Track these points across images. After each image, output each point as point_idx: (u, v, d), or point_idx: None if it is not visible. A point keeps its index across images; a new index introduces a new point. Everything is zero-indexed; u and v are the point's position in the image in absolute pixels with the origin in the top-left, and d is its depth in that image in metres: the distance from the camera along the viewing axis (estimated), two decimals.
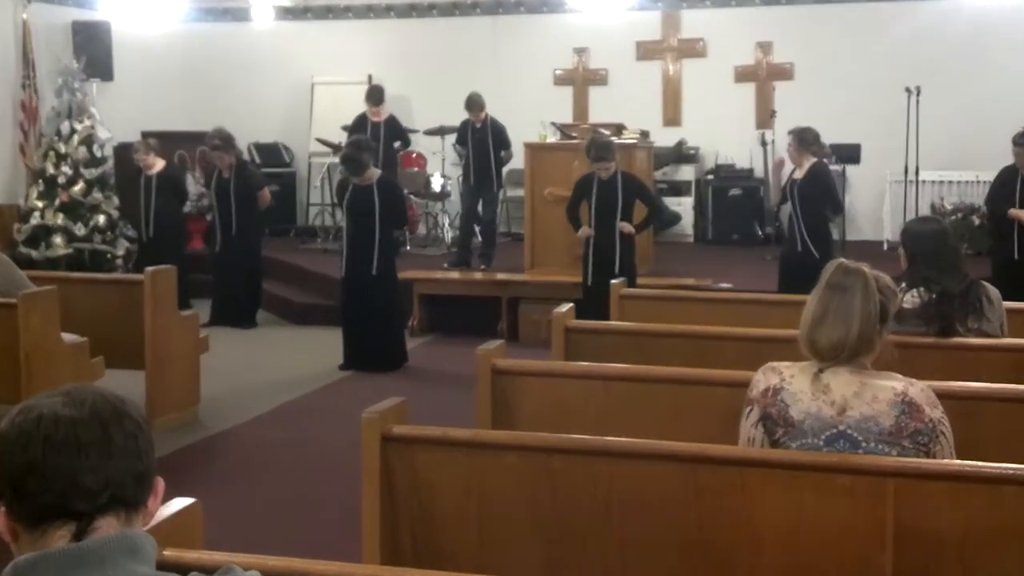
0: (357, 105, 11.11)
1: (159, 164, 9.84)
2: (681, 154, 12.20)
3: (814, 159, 7.71)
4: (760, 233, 11.86)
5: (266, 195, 9.74)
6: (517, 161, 10.49)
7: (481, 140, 10.05)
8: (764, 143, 11.85)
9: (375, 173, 7.88)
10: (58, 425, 1.41)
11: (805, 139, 7.65)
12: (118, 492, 1.43)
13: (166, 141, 10.75)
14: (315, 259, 10.75)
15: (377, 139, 10.43)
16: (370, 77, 12.36)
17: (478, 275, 9.74)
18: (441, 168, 11.69)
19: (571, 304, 4.74)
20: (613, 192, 7.67)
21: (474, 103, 10.07)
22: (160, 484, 1.51)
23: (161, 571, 1.47)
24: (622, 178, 7.73)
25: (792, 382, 2.81)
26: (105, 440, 1.43)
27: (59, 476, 1.40)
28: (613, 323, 5.05)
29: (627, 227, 7.73)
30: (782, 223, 9.56)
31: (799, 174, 7.67)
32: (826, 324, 2.76)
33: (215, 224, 9.62)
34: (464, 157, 10.35)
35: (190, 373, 6.63)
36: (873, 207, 11.66)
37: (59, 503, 1.41)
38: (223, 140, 9.41)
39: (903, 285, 4.25)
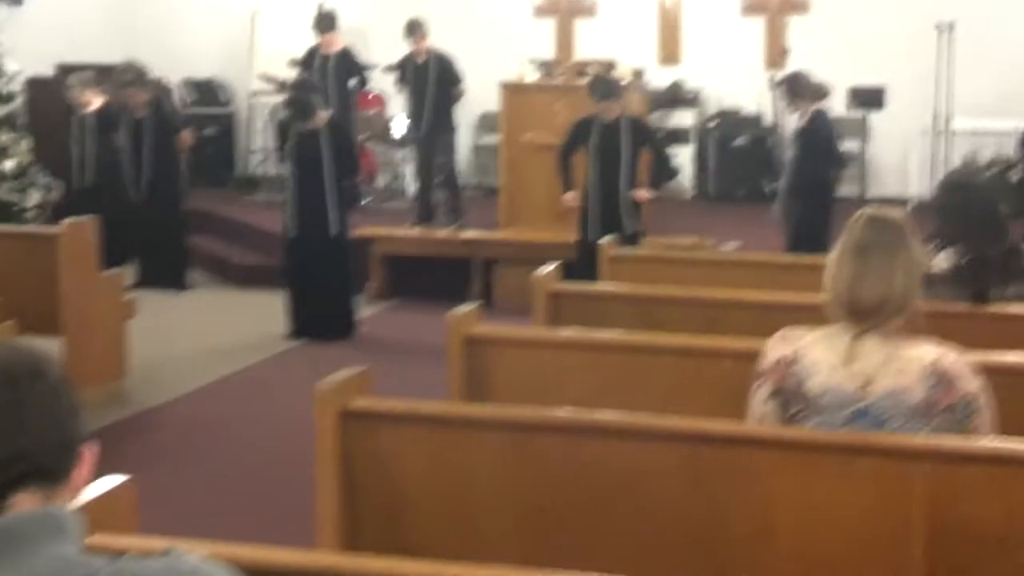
0: (308, 37, 11.00)
1: (97, 101, 9.75)
2: (679, 97, 12.18)
3: (814, 106, 7.82)
4: (768, 189, 11.87)
5: (186, 137, 9.67)
6: (491, 103, 10.44)
7: (423, 76, 9.97)
8: (774, 86, 11.85)
9: (323, 116, 7.84)
10: None
11: (794, 88, 7.80)
12: (34, 463, 1.42)
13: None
14: (256, 213, 10.70)
15: (327, 75, 10.34)
16: (320, 3, 12.25)
17: (443, 233, 9.72)
18: (405, 110, 11.63)
19: (555, 264, 4.74)
20: (616, 138, 7.66)
21: (414, 28, 9.96)
22: (89, 453, 1.49)
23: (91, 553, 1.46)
24: (627, 123, 7.72)
25: (809, 352, 2.82)
26: (15, 403, 1.40)
27: None
28: (604, 286, 5.06)
29: (643, 194, 7.77)
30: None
31: (800, 121, 7.82)
32: (868, 279, 2.77)
33: (126, 171, 9.54)
34: (410, 97, 10.26)
35: (115, 341, 6.59)
36: (898, 160, 11.70)
37: None
38: (135, 75, 9.33)
39: (934, 246, 4.28)
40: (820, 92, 7.93)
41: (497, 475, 2.93)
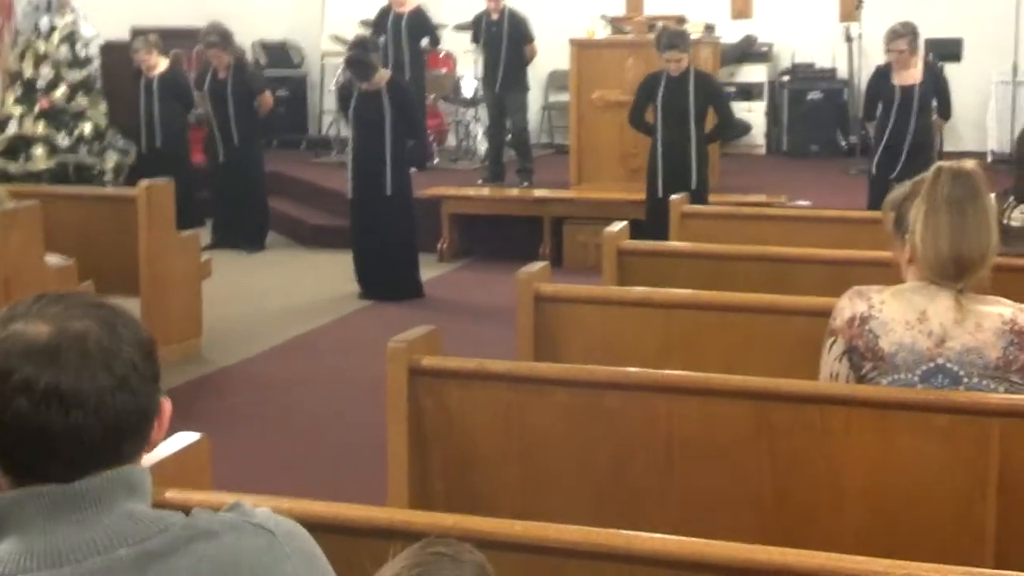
0: None
1: (162, 64, 9.85)
2: (751, 51, 12.01)
3: (921, 60, 7.67)
4: (843, 144, 11.70)
5: (268, 99, 9.74)
6: (561, 61, 10.37)
7: (497, 35, 9.91)
8: (849, 38, 11.62)
9: (384, 76, 7.83)
10: (39, 381, 1.37)
11: (918, 36, 7.60)
12: (114, 436, 1.43)
13: (160, 39, 10.70)
14: (329, 174, 10.76)
15: (399, 35, 10.34)
16: None
17: (514, 192, 9.70)
18: (474, 69, 11.60)
19: (625, 223, 4.71)
20: (684, 92, 7.57)
21: None
22: (166, 408, 1.51)
23: (158, 508, 1.48)
24: (695, 76, 7.63)
25: (883, 309, 2.78)
26: (97, 391, 1.39)
27: (38, 436, 1.38)
28: (674, 244, 5.02)
29: None
30: (868, 132, 9.44)
31: (910, 78, 7.60)
32: (970, 233, 2.71)
33: (213, 132, 9.64)
34: (482, 57, 10.23)
35: (191, 301, 6.68)
36: (976, 112, 11.44)
37: (36, 463, 1.40)
38: (220, 36, 9.39)
39: (1011, 200, 4.19)
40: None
41: (565, 433, 2.93)
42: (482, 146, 11.32)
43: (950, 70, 11.06)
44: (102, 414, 1.39)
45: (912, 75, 7.61)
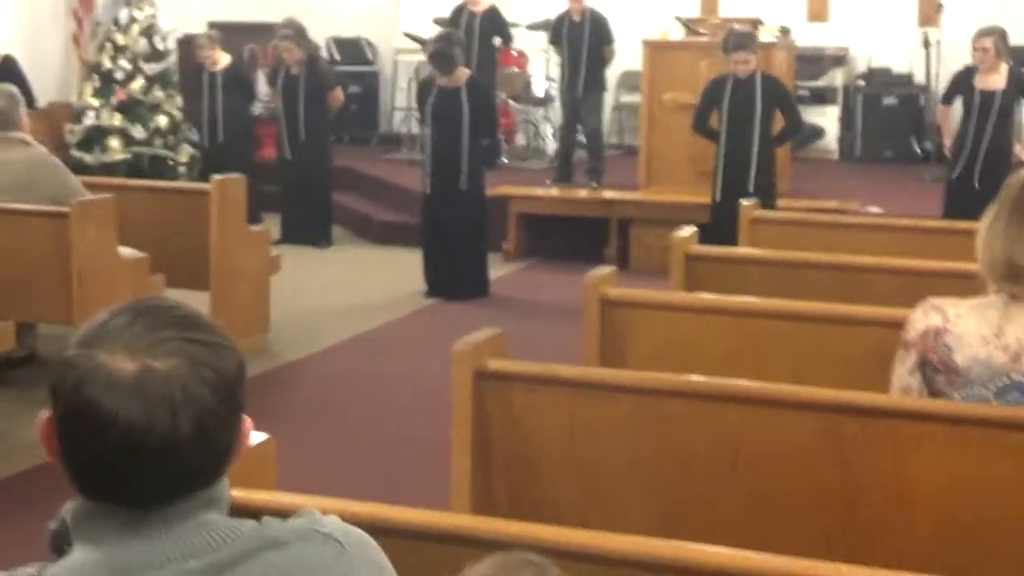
0: None
1: (224, 59, 9.95)
2: (827, 55, 11.87)
3: (1006, 65, 7.51)
4: (918, 150, 11.53)
5: (339, 95, 9.81)
6: (633, 62, 10.32)
7: (579, 36, 9.89)
8: (927, 44, 11.45)
9: (464, 74, 7.85)
10: (118, 422, 1.34)
11: (1004, 43, 7.45)
12: (192, 476, 1.43)
13: (236, 34, 10.83)
14: (399, 171, 10.81)
15: (472, 33, 10.36)
16: None
17: (583, 193, 9.68)
18: (545, 69, 11.59)
19: (694, 228, 4.67)
20: (751, 95, 7.49)
21: None
22: (247, 428, 1.51)
23: (232, 517, 1.48)
24: (762, 80, 7.55)
25: (958, 323, 2.72)
26: (176, 438, 1.36)
27: (113, 474, 1.38)
28: (743, 250, 4.97)
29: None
30: (938, 119, 9.31)
31: (993, 83, 7.45)
32: None
33: (281, 128, 9.73)
34: (561, 57, 10.21)
35: (259, 295, 6.74)
36: None
37: (112, 495, 1.41)
38: (295, 31, 9.47)
39: None
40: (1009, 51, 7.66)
41: (630, 440, 2.91)
42: (551, 146, 11.29)
43: None
44: (179, 460, 1.38)
45: (995, 80, 7.47)
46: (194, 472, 1.41)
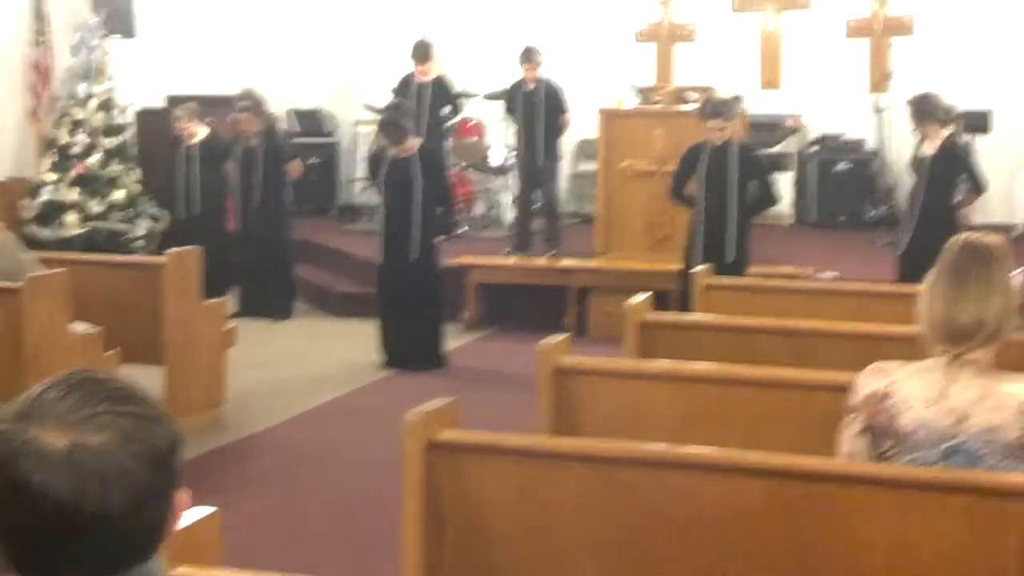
0: (411, 66, 11.14)
1: (201, 132, 9.99)
2: (779, 123, 12.06)
3: (945, 131, 7.62)
4: (872, 214, 11.69)
5: (297, 166, 9.86)
6: (589, 130, 10.45)
7: (534, 104, 10.01)
8: (878, 110, 11.66)
9: (415, 143, 7.92)
10: (48, 497, 1.34)
11: (924, 110, 7.56)
12: (123, 550, 1.43)
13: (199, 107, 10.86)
14: (357, 241, 10.82)
15: (422, 103, 10.45)
16: (423, 34, 12.40)
17: (541, 261, 9.73)
18: (503, 138, 11.70)
19: (648, 294, 4.71)
20: (726, 163, 7.53)
21: (530, 56, 9.99)
22: (182, 501, 1.51)
23: None
24: (739, 149, 7.62)
25: (902, 386, 2.77)
26: (107, 514, 1.36)
27: (44, 548, 1.37)
28: (696, 316, 5.02)
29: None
30: (897, 203, 9.44)
31: (929, 149, 7.58)
32: (965, 302, 2.72)
33: (238, 199, 9.74)
34: (516, 126, 10.31)
35: (216, 369, 6.71)
36: (1006, 185, 11.40)
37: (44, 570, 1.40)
38: (253, 102, 9.51)
39: None
40: (949, 115, 7.72)
41: (582, 508, 2.92)
42: (509, 214, 11.37)
43: (979, 142, 11.12)
44: (111, 535, 1.38)
45: (931, 146, 7.61)
46: (127, 547, 1.40)
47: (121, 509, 1.37)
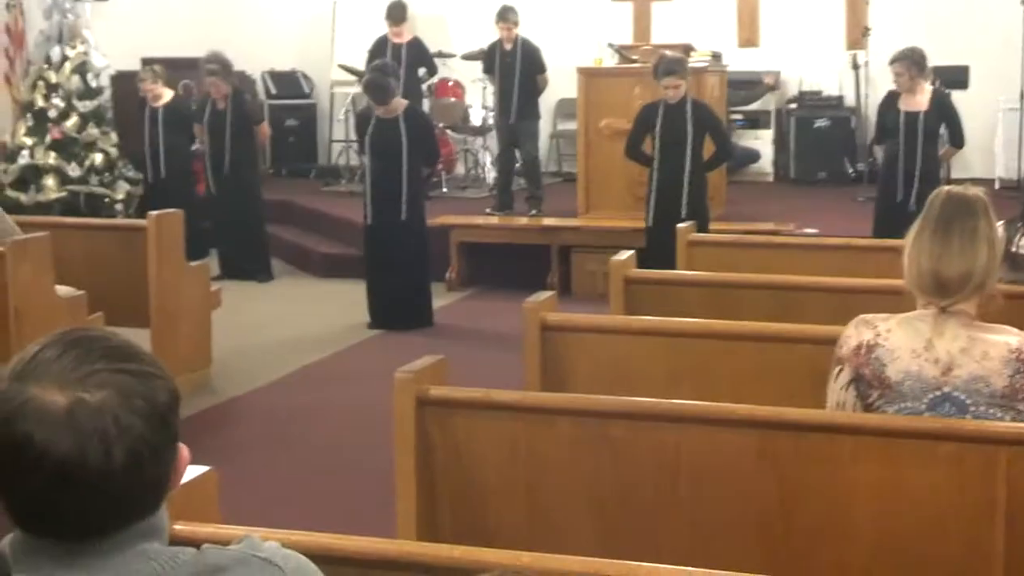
0: (385, 27, 11.08)
1: (167, 95, 9.91)
2: (757, 80, 12.05)
3: (931, 86, 7.64)
4: (851, 171, 11.72)
5: (265, 129, 9.81)
6: (568, 90, 10.42)
7: (511, 65, 9.97)
8: (856, 66, 11.67)
9: (401, 103, 7.89)
10: (49, 456, 1.35)
11: (922, 63, 7.55)
12: (127, 506, 1.43)
13: (171, 69, 10.78)
14: (339, 203, 10.80)
15: (399, 65, 10.40)
16: None
17: (523, 221, 9.73)
18: (482, 98, 11.66)
19: (632, 251, 4.73)
20: (681, 120, 7.60)
21: (506, 16, 9.94)
22: (183, 457, 1.51)
23: (173, 546, 1.49)
24: (692, 105, 7.66)
25: (889, 337, 2.79)
26: (109, 470, 1.37)
27: (48, 507, 1.38)
28: (680, 272, 5.03)
29: None
30: (876, 160, 9.45)
31: (916, 105, 7.57)
32: (952, 254, 2.74)
33: (207, 163, 9.69)
34: (495, 86, 10.28)
35: (201, 331, 6.70)
36: (983, 139, 11.43)
37: (48, 527, 1.41)
38: (220, 65, 9.44)
39: (1020, 227, 4.20)
40: (930, 71, 7.77)
41: (571, 462, 2.93)
42: (491, 175, 11.35)
43: (957, 97, 11.11)
44: (113, 491, 1.38)
45: (918, 102, 7.60)
46: (129, 503, 1.41)
47: (123, 465, 1.38)
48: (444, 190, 11.25)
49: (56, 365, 1.40)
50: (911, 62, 7.52)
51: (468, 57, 11.40)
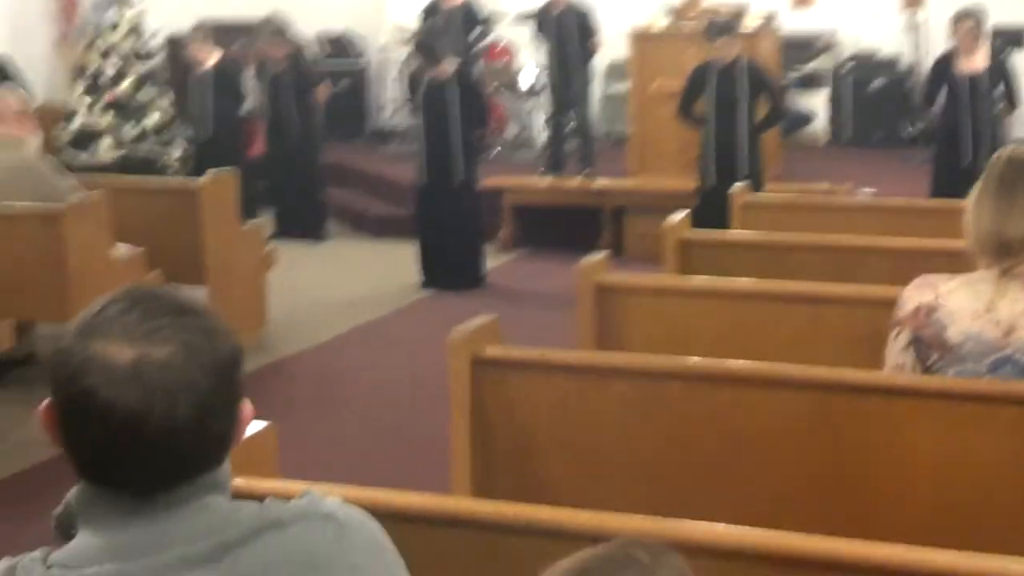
0: None
1: (213, 57, 9.94)
2: (813, 40, 11.88)
3: (987, 47, 7.55)
4: (907, 132, 11.55)
5: (323, 92, 9.82)
6: (620, 52, 10.33)
7: (563, 27, 9.89)
8: (913, 26, 11.47)
9: (452, 65, 7.87)
10: (116, 409, 1.36)
11: (983, 23, 7.47)
12: (192, 461, 1.44)
13: (225, 32, 10.81)
14: (391, 165, 10.80)
15: (452, 26, 10.35)
16: None
17: (574, 182, 9.68)
18: (534, 60, 11.58)
19: (685, 212, 4.69)
20: (735, 81, 7.54)
21: None
22: (247, 412, 1.51)
23: (236, 500, 1.50)
24: (744, 66, 7.59)
25: (950, 299, 2.75)
26: (175, 424, 1.37)
27: (114, 459, 1.39)
28: (735, 233, 4.99)
29: None
30: (927, 116, 9.32)
31: (974, 64, 7.47)
32: (1014, 214, 2.69)
33: (268, 125, 9.74)
34: (547, 48, 10.22)
35: (255, 291, 6.75)
36: None
37: (114, 479, 1.42)
38: (276, 29, 9.46)
39: None
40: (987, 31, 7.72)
41: (625, 423, 2.93)
42: (542, 136, 11.29)
43: (1016, 57, 10.92)
44: (178, 446, 1.39)
45: (976, 62, 7.49)
46: (194, 457, 1.42)
47: (187, 421, 1.38)
48: (497, 149, 11.21)
49: (122, 321, 1.40)
50: (976, 22, 7.42)
51: (521, 18, 11.32)
